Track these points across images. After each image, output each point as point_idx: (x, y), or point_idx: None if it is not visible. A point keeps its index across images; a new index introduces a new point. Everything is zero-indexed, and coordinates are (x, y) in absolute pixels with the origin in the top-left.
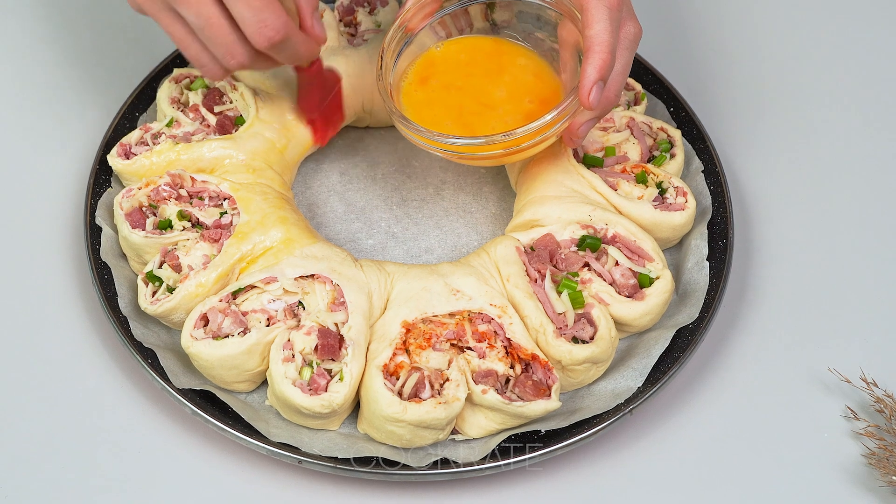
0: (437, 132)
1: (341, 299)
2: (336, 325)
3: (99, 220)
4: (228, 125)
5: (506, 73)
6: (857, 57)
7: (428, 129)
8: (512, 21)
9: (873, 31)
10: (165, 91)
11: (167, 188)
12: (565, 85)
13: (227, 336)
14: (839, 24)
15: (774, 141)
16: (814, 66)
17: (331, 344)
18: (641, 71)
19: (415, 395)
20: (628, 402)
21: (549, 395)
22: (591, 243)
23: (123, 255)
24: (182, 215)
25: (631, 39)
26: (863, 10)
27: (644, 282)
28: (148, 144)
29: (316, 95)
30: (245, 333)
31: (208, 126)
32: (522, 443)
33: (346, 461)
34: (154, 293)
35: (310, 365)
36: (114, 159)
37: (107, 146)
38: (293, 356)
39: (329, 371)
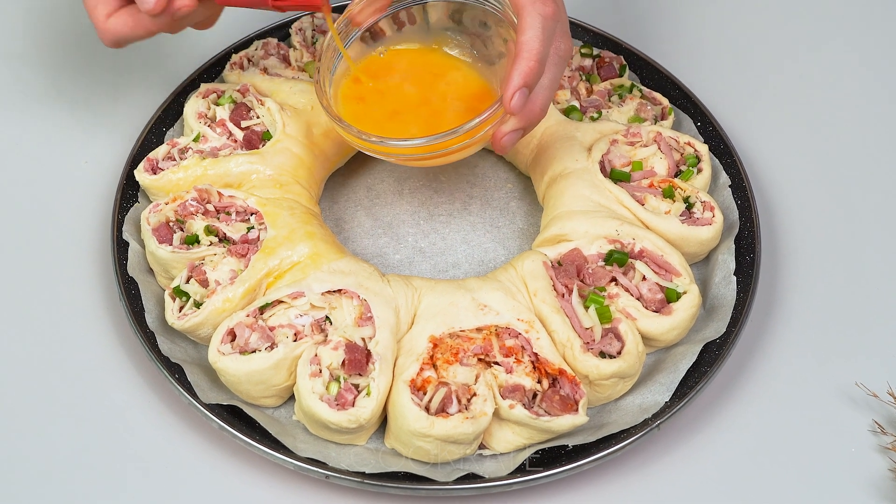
0: (364, 132)
1: (368, 314)
2: (363, 340)
3: (126, 236)
4: (255, 140)
5: (441, 81)
6: (889, 73)
7: (358, 129)
8: (452, 25)
9: None
10: (192, 106)
11: (194, 203)
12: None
13: (254, 351)
14: (871, 39)
15: (802, 155)
16: (842, 81)
17: (358, 359)
18: (668, 86)
19: (442, 410)
20: (655, 416)
21: (577, 409)
22: (619, 258)
23: (150, 271)
24: (209, 230)
25: (561, 55)
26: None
27: (671, 296)
28: (175, 159)
29: None
30: (272, 348)
31: (235, 141)
32: (549, 458)
33: (373, 476)
34: (181, 308)
35: (337, 380)
36: (141, 174)
37: (134, 161)
38: (320, 371)
39: (356, 386)
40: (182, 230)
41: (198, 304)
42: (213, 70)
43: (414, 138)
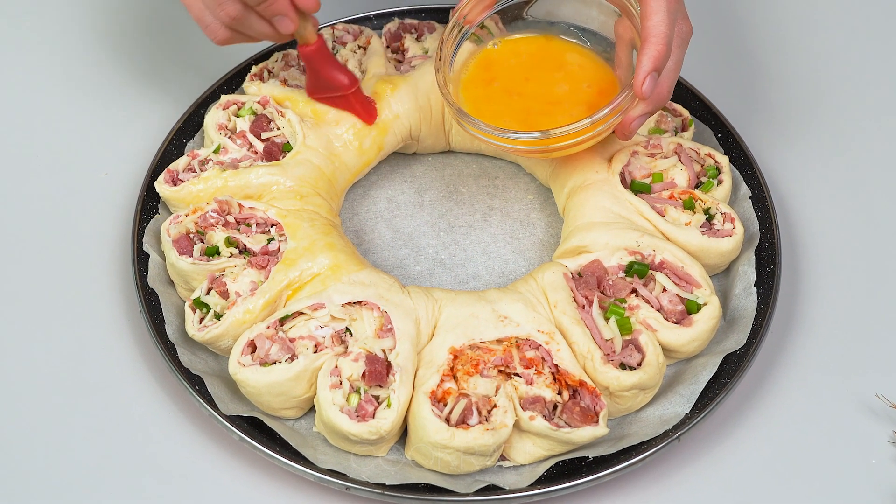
0: (498, 127)
1: (389, 326)
2: (383, 351)
3: (146, 247)
4: (276, 151)
5: (563, 69)
6: None
7: (489, 124)
8: (564, 16)
9: None
10: (213, 117)
11: (214, 215)
12: (620, 80)
13: (274, 363)
14: (893, 50)
15: (822, 167)
16: (863, 92)
17: (378, 370)
18: (689, 97)
19: (462, 422)
20: (676, 428)
21: (597, 421)
22: (639, 269)
23: (171, 282)
24: (229, 242)
25: (683, 37)
26: None
27: (692, 308)
28: (195, 171)
29: (311, 78)
30: (292, 360)
31: (255, 152)
32: (570, 469)
33: (393, 487)
34: (201, 320)
35: (357, 391)
36: (161, 186)
37: (154, 173)
38: (341, 383)
39: (377, 397)
40: (202, 242)
41: (218, 316)
42: (233, 81)
43: (542, 130)
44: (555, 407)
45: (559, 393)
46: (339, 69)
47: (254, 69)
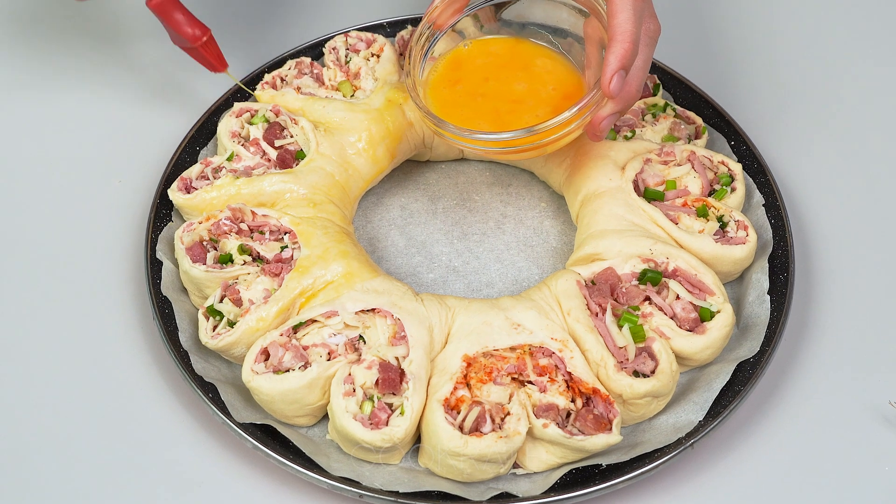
0: (466, 129)
1: (402, 333)
2: (397, 359)
3: (160, 255)
4: (289, 159)
5: (529, 71)
6: None
7: (458, 126)
8: (535, 18)
9: None
10: (226, 125)
11: (228, 222)
12: (588, 81)
13: (287, 370)
14: None
15: (835, 174)
16: (877, 100)
17: (392, 378)
18: (702, 104)
19: (476, 430)
20: (689, 435)
21: (610, 429)
22: (652, 277)
23: (184, 290)
24: (243, 249)
25: (651, 36)
26: None
27: (705, 315)
28: (208, 178)
29: (167, 28)
30: (306, 368)
31: (269, 160)
32: (583, 477)
33: (407, 495)
34: (215, 327)
35: (371, 399)
36: (174, 193)
37: (167, 180)
38: (354, 390)
39: (390, 405)
40: (216, 249)
41: (231, 324)
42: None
43: (509, 131)
44: (568, 415)
45: (572, 401)
46: (188, 22)
47: (266, 77)
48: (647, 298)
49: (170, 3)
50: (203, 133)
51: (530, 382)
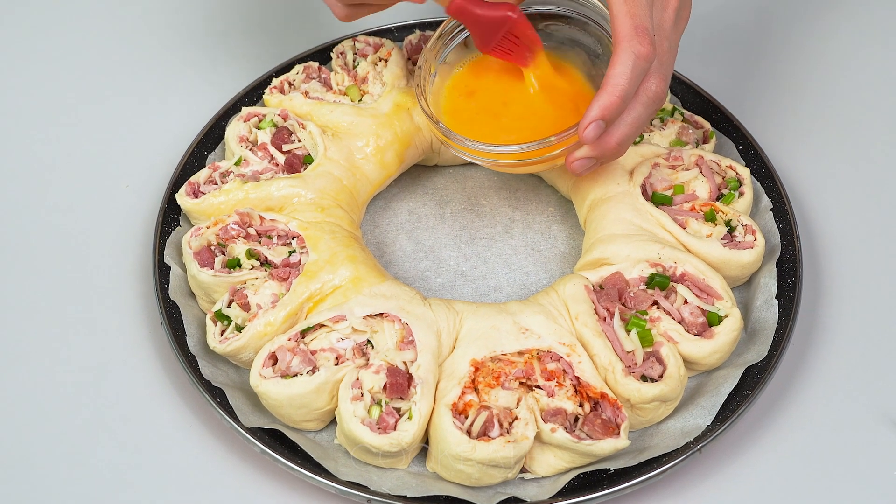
0: (458, 134)
1: (410, 338)
2: (405, 363)
3: (167, 259)
4: (297, 164)
5: (548, 86)
6: None
7: (449, 129)
8: (570, 36)
9: None
10: (234, 130)
11: (236, 227)
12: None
13: (295, 375)
14: None
15: (843, 179)
16: (886, 104)
17: (399, 382)
18: (710, 109)
19: (484, 434)
20: (697, 440)
21: (618, 433)
22: (660, 281)
23: (192, 294)
24: (251, 254)
25: (650, 96)
26: None
27: (713, 320)
28: (216, 183)
29: (478, 31)
30: (314, 372)
31: (277, 165)
32: (591, 481)
33: (414, 500)
34: (223, 332)
35: (378, 404)
36: (182, 198)
37: (175, 185)
38: (362, 395)
39: (398, 410)
40: (223, 254)
41: (239, 328)
42: (254, 94)
43: (505, 144)
44: (576, 419)
45: (580, 405)
46: (492, 5)
47: (274, 81)
48: (655, 303)
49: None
50: (211, 137)
51: (538, 387)
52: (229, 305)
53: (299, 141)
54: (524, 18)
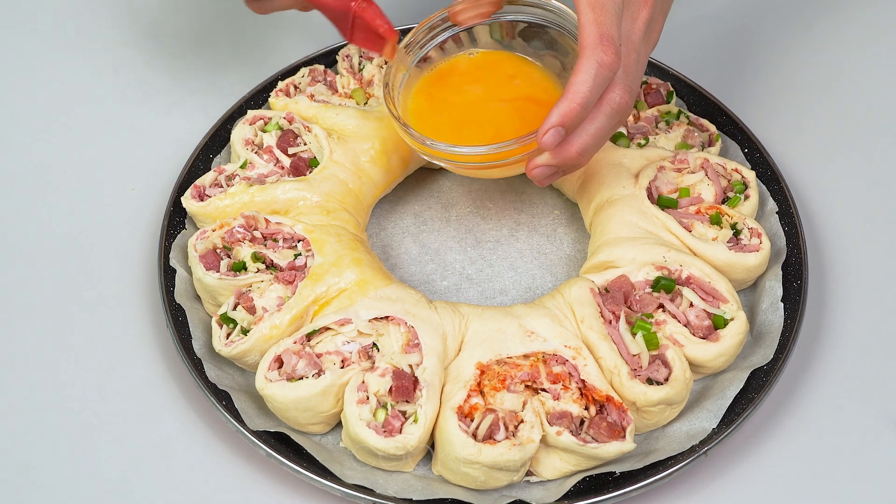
0: (420, 134)
1: (416, 341)
2: (410, 366)
3: (173, 262)
4: (302, 167)
5: (518, 89)
6: None
7: (415, 131)
8: (520, 38)
9: None
10: (239, 133)
11: (241, 230)
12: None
13: (301, 378)
14: None
15: (849, 182)
16: (891, 105)
17: (405, 386)
18: (716, 112)
19: (489, 437)
20: (703, 443)
21: (624, 436)
22: (666, 284)
23: (197, 297)
24: (256, 257)
25: (613, 107)
26: None
27: (719, 323)
28: (222, 186)
29: (331, 18)
30: (319, 375)
31: (282, 168)
32: (597, 484)
33: (420, 503)
34: (228, 335)
35: (384, 407)
36: (188, 201)
37: (181, 188)
38: (368, 398)
39: (403, 413)
40: (229, 257)
41: (245, 331)
42: (259, 97)
43: (465, 146)
44: (582, 422)
45: (586, 408)
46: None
47: (280, 84)
48: (661, 306)
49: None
50: (216, 141)
51: (544, 390)
52: (235, 308)
53: (305, 144)
54: (371, 7)
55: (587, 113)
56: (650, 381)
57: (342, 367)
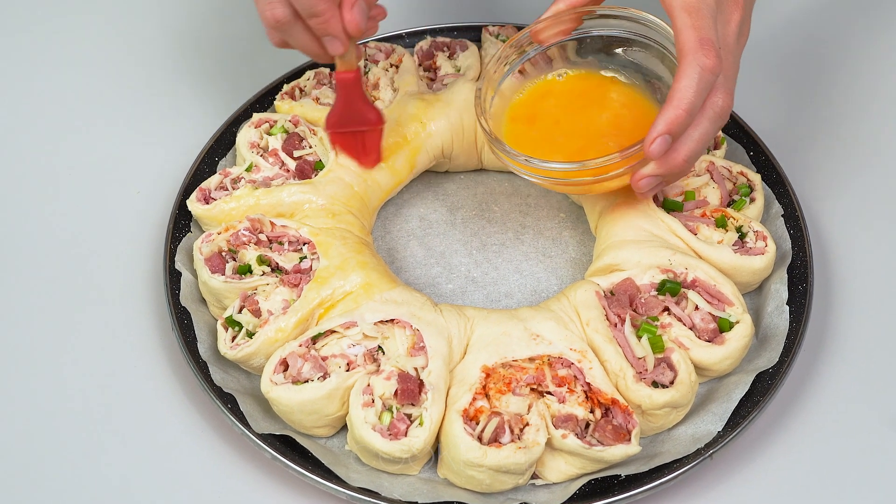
0: (522, 154)
1: (421, 344)
2: (416, 369)
3: (178, 265)
4: (308, 170)
5: (607, 108)
6: None
7: (514, 149)
8: (619, 57)
9: None
10: (245, 136)
11: (247, 233)
12: None
13: (306, 381)
14: None
15: (855, 185)
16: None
17: (410, 389)
18: None
19: (495, 440)
20: (708, 446)
21: (629, 439)
22: (671, 287)
23: (203, 300)
24: (262, 260)
25: (716, 111)
26: None
27: (724, 326)
28: (227, 189)
29: (339, 107)
30: (325, 378)
31: (287, 171)
32: (602, 487)
33: None
34: (234, 338)
35: (389, 410)
36: (193, 204)
37: (186, 191)
38: (373, 401)
39: (409, 416)
40: (234, 260)
41: (250, 334)
42: (265, 100)
43: (555, 161)
44: (587, 425)
45: (591, 411)
46: (370, 102)
47: (285, 87)
48: (666, 309)
49: (360, 81)
50: (222, 144)
51: (549, 393)
52: (240, 311)
53: (310, 147)
54: (381, 132)
55: (692, 119)
56: (655, 385)
57: (347, 370)
